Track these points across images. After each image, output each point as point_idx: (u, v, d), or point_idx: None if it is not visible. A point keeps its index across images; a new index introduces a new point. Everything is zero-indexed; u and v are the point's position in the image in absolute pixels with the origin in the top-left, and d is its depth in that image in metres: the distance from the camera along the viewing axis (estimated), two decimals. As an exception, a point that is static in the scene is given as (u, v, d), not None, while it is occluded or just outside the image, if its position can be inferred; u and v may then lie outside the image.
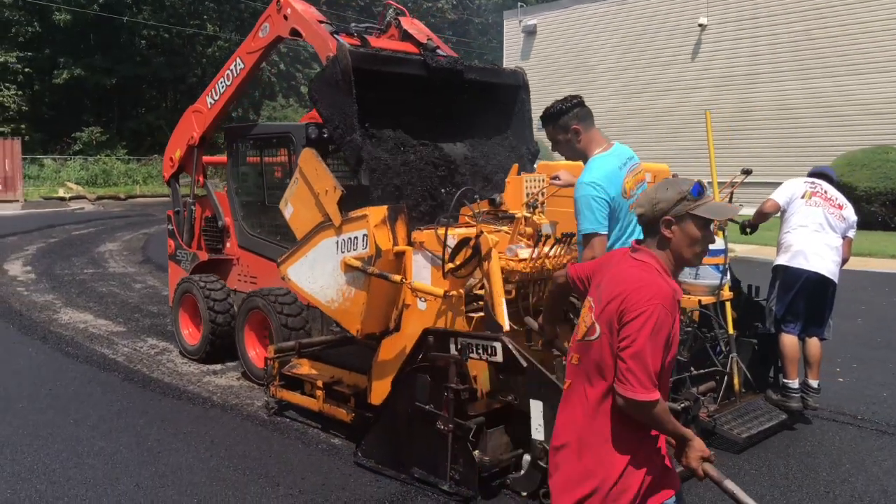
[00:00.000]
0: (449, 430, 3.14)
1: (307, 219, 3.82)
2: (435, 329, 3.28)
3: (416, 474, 3.37)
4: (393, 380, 3.47)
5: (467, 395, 3.15)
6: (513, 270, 3.18)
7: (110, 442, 4.01)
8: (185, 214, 6.02)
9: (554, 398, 2.88)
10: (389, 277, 3.40)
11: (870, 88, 15.83)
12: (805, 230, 4.15)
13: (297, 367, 4.40)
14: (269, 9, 4.79)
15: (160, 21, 29.16)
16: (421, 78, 4.20)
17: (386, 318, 3.62)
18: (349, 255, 3.55)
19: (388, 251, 3.47)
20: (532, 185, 3.53)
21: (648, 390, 1.74)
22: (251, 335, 5.13)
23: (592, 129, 2.98)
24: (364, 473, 3.53)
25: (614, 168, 2.88)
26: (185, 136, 5.87)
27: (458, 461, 3.15)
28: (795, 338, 4.16)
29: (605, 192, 2.81)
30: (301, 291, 3.99)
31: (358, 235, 3.50)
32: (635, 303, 1.76)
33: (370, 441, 3.61)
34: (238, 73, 5.22)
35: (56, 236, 14.27)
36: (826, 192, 4.27)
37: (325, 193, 3.66)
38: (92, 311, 7.55)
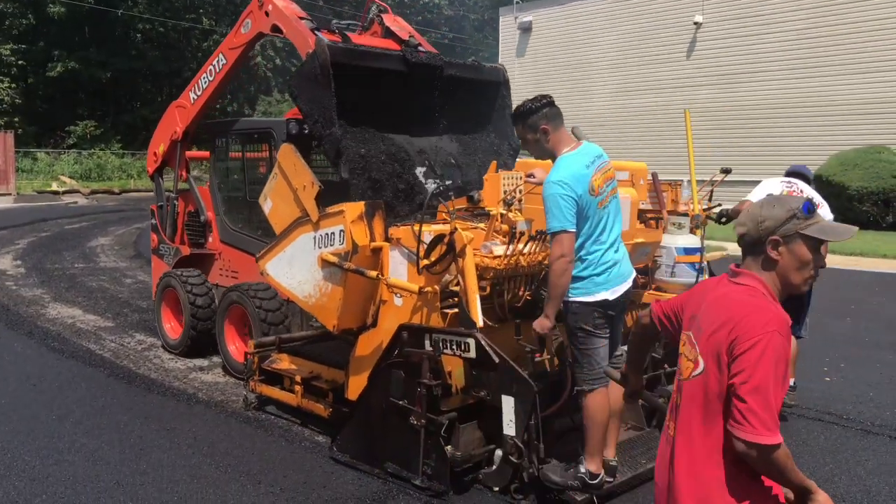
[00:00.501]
0: (421, 425, 3.17)
1: (285, 214, 3.83)
2: (409, 325, 3.31)
3: (389, 469, 3.39)
4: (369, 375, 3.49)
5: (440, 391, 3.17)
6: (487, 267, 3.20)
7: (92, 438, 3.99)
8: (168, 209, 6.05)
9: (525, 394, 2.93)
10: (365, 273, 3.41)
11: (862, 88, 15.86)
12: None
13: (277, 362, 4.40)
14: (251, 5, 4.82)
15: (156, 14, 29.02)
16: (401, 73, 4.21)
17: (363, 313, 3.63)
18: (326, 251, 3.56)
19: (364, 247, 3.48)
20: (509, 183, 3.54)
21: (772, 431, 1.52)
22: (231, 330, 5.16)
23: (561, 128, 3.03)
24: (346, 471, 3.53)
25: (581, 167, 2.92)
26: (169, 131, 5.90)
27: (431, 456, 3.18)
28: None
29: (573, 190, 2.85)
30: (279, 287, 4.00)
31: (335, 231, 3.51)
32: (748, 330, 1.56)
33: (345, 436, 3.63)
34: (220, 68, 5.25)
35: (48, 230, 14.20)
36: (802, 192, 4.29)
37: (303, 189, 3.67)
38: (80, 306, 7.50)
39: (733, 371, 1.56)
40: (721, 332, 1.60)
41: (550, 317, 2.99)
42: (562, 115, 3.04)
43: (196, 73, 5.60)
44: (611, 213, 3.03)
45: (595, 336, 2.99)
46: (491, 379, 3.08)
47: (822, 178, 14.52)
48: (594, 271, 2.95)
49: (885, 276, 9.74)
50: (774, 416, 1.54)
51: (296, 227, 3.76)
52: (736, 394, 1.55)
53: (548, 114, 2.99)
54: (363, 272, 3.40)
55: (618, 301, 3.02)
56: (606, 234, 2.99)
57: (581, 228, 2.93)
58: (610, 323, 3.04)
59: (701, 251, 3.89)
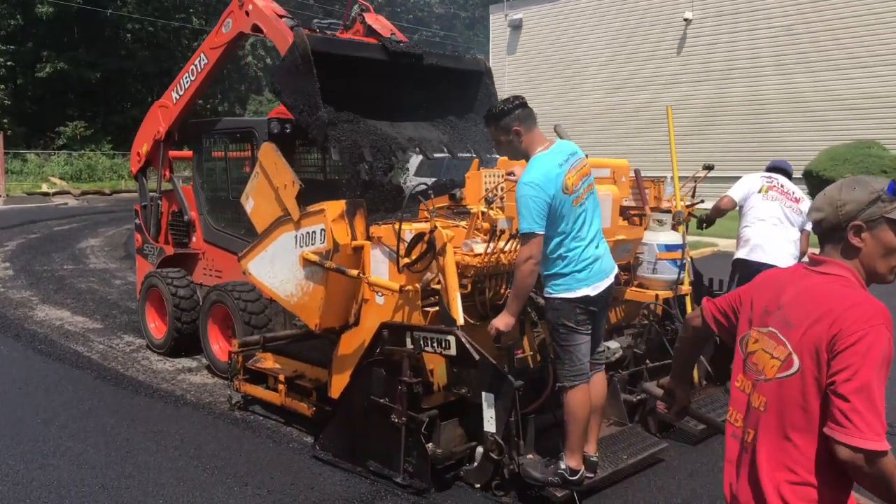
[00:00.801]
0: (402, 423, 3.18)
1: (267, 213, 3.84)
2: (390, 323, 3.32)
3: (371, 467, 3.40)
4: (351, 373, 3.50)
5: (421, 389, 3.18)
6: (468, 265, 3.22)
7: (78, 442, 3.97)
8: (152, 209, 6.06)
9: (505, 391, 2.95)
10: (347, 272, 3.42)
11: (852, 84, 15.95)
12: (763, 224, 4.20)
13: (261, 361, 4.41)
14: (232, 4, 4.83)
15: (145, 14, 28.84)
16: (381, 62, 4.24)
17: (345, 312, 3.64)
18: (307, 250, 3.57)
19: (345, 246, 3.48)
20: (490, 181, 3.55)
21: (879, 436, 1.37)
22: (215, 329, 5.17)
23: (534, 129, 3.04)
24: (333, 472, 3.52)
25: (554, 166, 2.93)
26: (152, 131, 5.91)
27: (412, 454, 3.19)
28: None
29: (544, 191, 2.86)
30: (261, 286, 4.02)
31: (316, 230, 3.52)
32: (852, 324, 1.41)
33: (328, 434, 3.64)
34: (202, 68, 5.26)
35: (37, 232, 14.12)
36: (783, 187, 4.31)
37: (284, 188, 3.68)
38: (69, 308, 7.47)
39: (834, 368, 1.41)
40: (819, 326, 1.45)
41: (513, 315, 3.01)
42: (534, 116, 3.05)
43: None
44: (588, 209, 3.04)
45: (577, 332, 3.01)
46: (471, 376, 3.10)
47: (812, 173, 14.59)
48: (575, 268, 2.96)
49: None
50: (882, 419, 1.39)
51: (277, 227, 3.77)
52: (837, 393, 1.40)
53: (520, 115, 3.00)
54: (344, 271, 3.41)
55: (599, 297, 3.03)
56: (586, 231, 3.00)
57: (558, 227, 2.95)
58: (592, 319, 3.06)
59: (683, 248, 3.91)
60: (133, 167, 6.31)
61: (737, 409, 1.65)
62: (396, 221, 3.33)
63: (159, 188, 6.05)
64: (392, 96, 4.45)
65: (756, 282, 1.73)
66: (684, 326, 2.01)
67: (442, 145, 4.42)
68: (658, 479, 3.42)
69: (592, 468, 3.13)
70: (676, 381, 2.08)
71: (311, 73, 3.75)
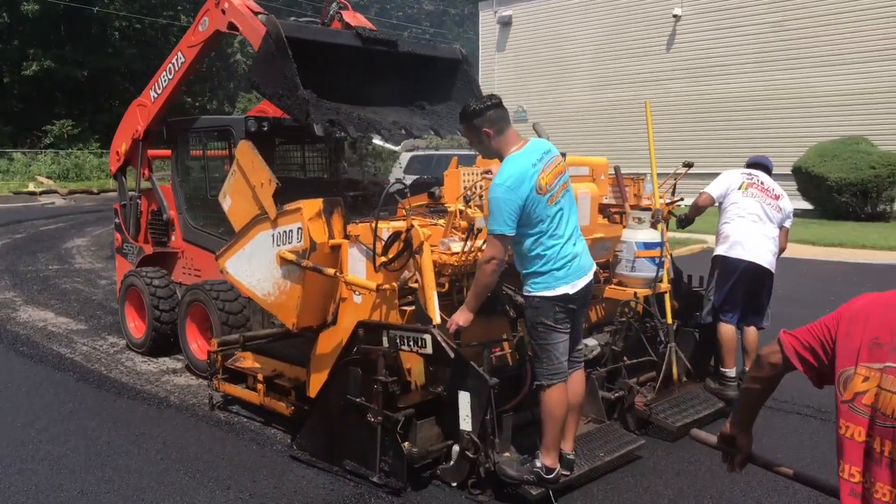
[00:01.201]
0: (378, 422, 3.18)
1: (244, 211, 3.83)
2: (366, 322, 3.31)
3: (347, 466, 3.39)
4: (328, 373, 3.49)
5: (396, 388, 3.18)
6: (445, 264, 3.21)
7: (57, 446, 3.93)
8: (131, 208, 6.06)
9: (480, 389, 2.95)
10: (323, 271, 3.41)
11: (841, 80, 16.04)
12: (742, 221, 4.21)
13: (241, 360, 4.40)
14: (208, 3, 4.82)
15: (132, 12, 28.63)
16: (357, 53, 4.25)
17: (322, 311, 3.63)
18: (284, 249, 3.56)
19: (322, 244, 3.47)
20: (469, 179, 3.55)
21: None
22: (193, 328, 5.17)
23: (507, 130, 3.02)
24: (318, 476, 3.49)
25: (526, 166, 2.92)
26: (130, 130, 5.90)
27: (388, 453, 3.19)
28: (733, 327, 4.24)
29: (516, 193, 2.86)
30: (239, 285, 4.01)
31: (293, 228, 3.51)
32: None
33: (304, 433, 3.63)
34: (179, 66, 5.25)
35: (23, 232, 14.00)
36: (763, 184, 4.32)
37: (261, 186, 3.67)
38: (53, 309, 7.41)
39: None
40: None
41: (472, 311, 3.02)
42: (507, 118, 3.04)
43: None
44: (564, 207, 3.04)
45: (555, 331, 3.01)
46: (447, 375, 3.10)
47: (801, 169, 14.67)
48: (554, 266, 2.97)
49: (865, 267, 9.84)
50: None
51: (254, 225, 3.75)
52: None
53: (490, 117, 2.98)
54: (321, 270, 3.40)
55: (578, 295, 3.04)
56: (563, 229, 3.00)
57: (535, 226, 2.94)
58: (571, 317, 3.06)
59: (661, 245, 3.93)
60: (112, 166, 6.29)
61: (850, 461, 1.48)
62: (373, 220, 3.32)
63: (138, 187, 6.04)
64: (370, 87, 4.47)
65: (853, 310, 1.52)
66: (758, 364, 1.75)
67: (428, 128, 4.44)
68: (644, 480, 3.42)
69: (569, 466, 3.13)
70: (740, 428, 1.84)
71: (287, 56, 3.75)
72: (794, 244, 11.20)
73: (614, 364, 3.80)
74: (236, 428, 4.17)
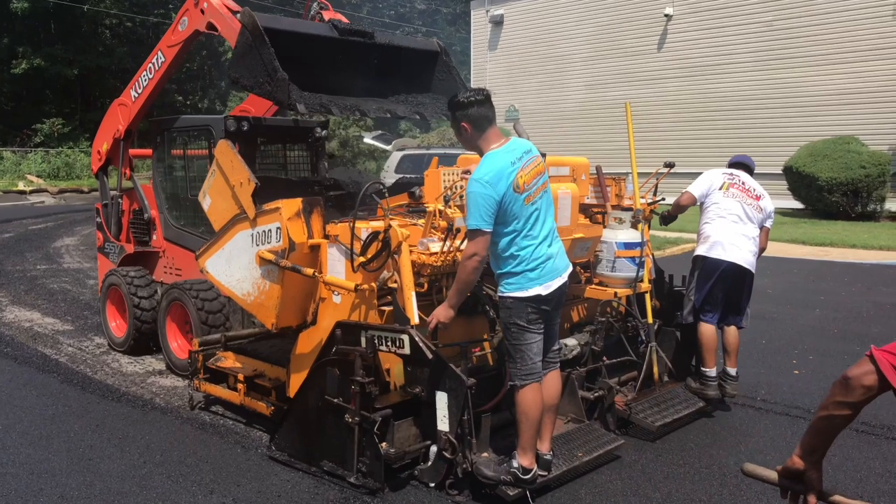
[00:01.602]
0: (355, 422, 3.17)
1: (224, 210, 3.82)
2: (345, 322, 3.31)
3: (325, 467, 3.39)
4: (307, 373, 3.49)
5: (374, 388, 3.18)
6: (424, 264, 3.21)
7: (38, 449, 3.89)
8: (113, 207, 6.07)
9: (457, 390, 2.95)
10: (302, 271, 3.41)
11: (832, 79, 16.12)
12: (723, 221, 4.23)
13: (222, 360, 4.39)
14: (188, 2, 4.82)
15: (123, 10, 28.47)
16: (333, 40, 4.28)
17: (302, 311, 3.63)
18: (263, 248, 3.56)
19: (301, 244, 3.47)
20: (449, 179, 3.55)
21: None
22: (173, 326, 5.19)
23: (489, 128, 3.02)
24: (302, 479, 3.47)
25: (506, 164, 2.92)
26: (112, 130, 5.93)
27: (365, 453, 3.19)
28: (713, 327, 4.26)
29: (494, 189, 2.86)
30: (219, 284, 4.01)
31: (271, 228, 3.51)
32: None
33: (283, 434, 3.63)
34: (160, 66, 5.26)
35: (11, 231, 13.91)
36: (744, 184, 4.34)
37: (240, 185, 3.67)
38: (39, 309, 7.37)
39: None
40: None
41: (453, 308, 3.02)
42: (490, 115, 3.04)
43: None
44: (541, 208, 3.04)
45: (528, 331, 3.01)
46: (425, 375, 3.10)
47: (792, 168, 14.74)
48: (527, 267, 2.97)
49: (855, 267, 9.88)
50: None
51: (234, 225, 3.75)
52: None
53: (471, 114, 2.99)
54: (299, 269, 3.40)
55: (552, 296, 3.04)
56: (538, 230, 3.00)
57: (509, 225, 2.95)
58: (544, 318, 3.07)
59: (642, 246, 3.94)
60: (94, 165, 6.32)
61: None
62: (351, 219, 3.31)
63: (119, 186, 6.04)
64: (350, 80, 4.49)
65: None
66: (846, 388, 1.56)
67: (413, 112, 4.46)
68: (633, 482, 3.43)
69: (546, 467, 3.14)
70: (811, 461, 1.65)
71: (264, 41, 3.76)
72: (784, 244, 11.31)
73: (594, 364, 3.80)
74: (221, 430, 4.15)
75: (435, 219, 3.33)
